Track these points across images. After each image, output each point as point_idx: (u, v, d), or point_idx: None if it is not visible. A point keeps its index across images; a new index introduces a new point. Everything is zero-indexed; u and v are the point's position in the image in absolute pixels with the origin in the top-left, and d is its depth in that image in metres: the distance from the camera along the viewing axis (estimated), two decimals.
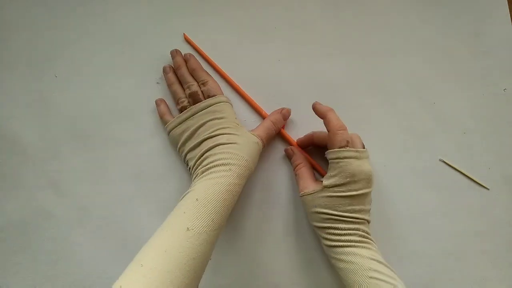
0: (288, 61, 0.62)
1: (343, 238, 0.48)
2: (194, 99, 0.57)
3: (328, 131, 0.50)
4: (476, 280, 0.57)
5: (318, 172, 0.58)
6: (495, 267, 0.57)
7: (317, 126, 0.54)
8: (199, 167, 0.51)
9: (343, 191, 0.48)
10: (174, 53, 0.61)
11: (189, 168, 0.54)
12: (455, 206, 0.58)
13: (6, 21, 0.65)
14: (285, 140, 0.60)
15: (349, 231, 0.48)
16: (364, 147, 0.51)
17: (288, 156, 0.59)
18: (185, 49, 0.63)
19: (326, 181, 0.49)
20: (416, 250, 0.57)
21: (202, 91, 0.57)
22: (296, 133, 0.60)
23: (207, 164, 0.50)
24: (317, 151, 0.59)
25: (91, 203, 0.60)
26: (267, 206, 0.59)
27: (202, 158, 0.51)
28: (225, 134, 0.52)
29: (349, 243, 0.48)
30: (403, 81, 0.61)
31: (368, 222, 0.51)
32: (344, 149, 0.48)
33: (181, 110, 0.57)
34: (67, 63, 0.64)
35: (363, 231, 0.49)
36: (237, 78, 0.62)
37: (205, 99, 0.56)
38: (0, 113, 0.63)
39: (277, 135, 0.60)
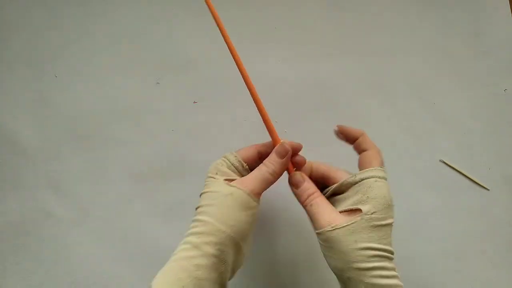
0: (288, 61, 0.62)
1: (392, 281, 0.36)
2: None
3: (365, 149, 0.42)
4: (476, 280, 0.57)
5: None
6: (495, 267, 0.57)
7: (317, 126, 0.54)
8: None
9: (384, 218, 0.38)
10: None
11: None
12: (455, 206, 0.58)
13: (6, 21, 0.65)
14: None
15: (395, 271, 0.38)
16: None
17: (295, 184, 0.43)
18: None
19: (363, 207, 0.38)
20: (416, 250, 0.57)
21: None
22: (296, 139, 0.60)
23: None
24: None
25: (91, 203, 0.60)
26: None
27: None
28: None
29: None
30: (403, 81, 0.61)
31: None
32: (382, 168, 0.40)
33: None
34: (67, 63, 0.64)
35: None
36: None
37: None
38: (0, 113, 0.63)
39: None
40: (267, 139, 0.61)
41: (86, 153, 0.61)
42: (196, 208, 0.38)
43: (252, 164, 0.42)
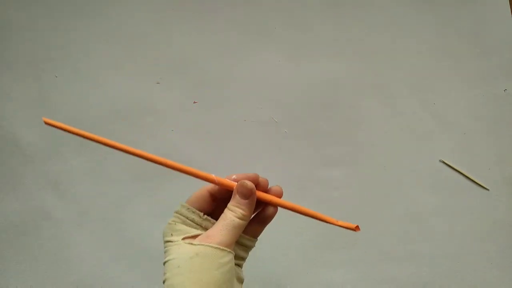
0: (288, 62, 0.62)
1: None
2: None
3: None
4: (476, 281, 0.57)
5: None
6: (495, 267, 0.57)
7: (317, 126, 0.54)
8: None
9: None
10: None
11: None
12: (455, 206, 0.58)
13: (6, 21, 0.65)
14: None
15: None
16: None
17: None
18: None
19: None
20: (416, 250, 0.57)
21: None
22: (296, 139, 0.60)
23: None
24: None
25: (91, 203, 0.60)
26: None
27: None
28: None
29: None
30: (403, 81, 0.61)
31: None
32: None
33: None
34: (67, 63, 0.64)
35: None
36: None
37: None
38: (0, 113, 0.63)
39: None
40: (268, 138, 0.61)
41: (86, 153, 0.61)
42: (163, 282, 0.32)
43: (208, 210, 0.35)
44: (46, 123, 0.36)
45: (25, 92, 0.63)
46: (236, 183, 0.34)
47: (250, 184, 0.34)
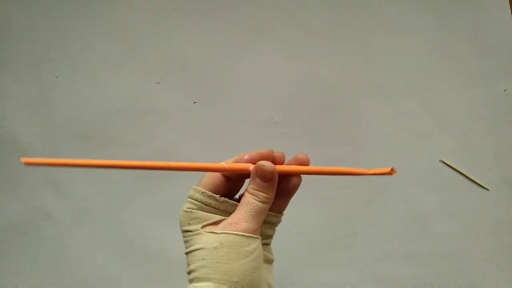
0: (288, 62, 0.62)
1: None
2: None
3: None
4: (476, 280, 0.57)
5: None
6: (495, 267, 0.57)
7: (317, 126, 0.54)
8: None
9: None
10: None
11: None
12: (455, 206, 0.58)
13: (6, 21, 0.65)
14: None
15: None
16: None
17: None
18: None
19: None
20: (416, 250, 0.57)
21: None
22: (296, 139, 0.60)
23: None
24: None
25: (91, 203, 0.60)
26: None
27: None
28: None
29: None
30: (403, 81, 0.61)
31: None
32: None
33: None
34: (67, 63, 0.64)
35: None
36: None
37: None
38: (0, 113, 0.63)
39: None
40: (268, 138, 0.61)
41: (86, 153, 0.61)
42: (188, 274, 0.31)
43: (223, 191, 0.33)
44: (26, 163, 0.30)
45: (25, 92, 0.63)
46: (252, 166, 0.31)
47: (269, 165, 0.31)
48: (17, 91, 0.63)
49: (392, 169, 0.31)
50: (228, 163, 0.32)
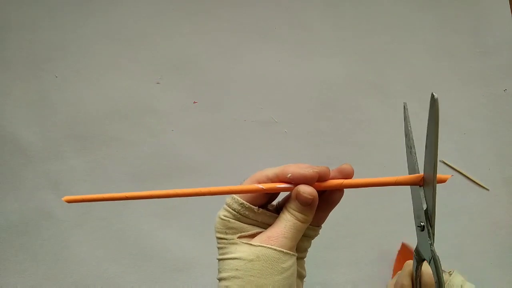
0: (288, 62, 0.62)
1: None
2: None
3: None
4: (476, 281, 0.57)
5: None
6: (495, 267, 0.57)
7: (317, 126, 0.54)
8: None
9: None
10: None
11: None
12: (455, 206, 0.58)
13: (6, 21, 0.65)
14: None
15: None
16: None
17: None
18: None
19: None
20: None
21: None
22: (296, 139, 0.60)
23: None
24: None
25: (91, 203, 0.60)
26: None
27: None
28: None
29: None
30: (403, 81, 0.61)
31: None
32: None
33: None
34: (67, 63, 0.64)
35: None
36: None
37: None
38: (0, 113, 0.63)
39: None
40: (268, 138, 0.61)
41: (86, 153, 0.61)
42: (219, 281, 0.30)
43: (261, 202, 0.32)
44: (68, 201, 0.33)
45: (25, 92, 0.63)
46: (288, 185, 0.30)
47: (309, 192, 0.30)
48: (17, 91, 0.63)
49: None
50: (265, 185, 0.30)
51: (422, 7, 0.63)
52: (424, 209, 0.31)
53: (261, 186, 0.30)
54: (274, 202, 0.34)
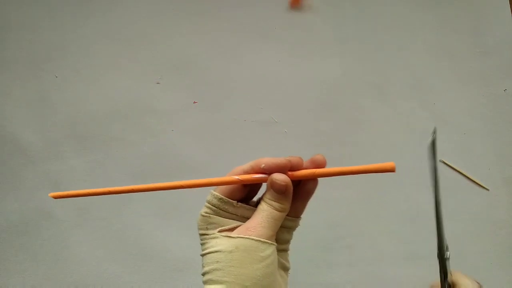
0: (288, 62, 0.62)
1: None
2: None
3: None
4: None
5: None
6: (495, 267, 0.57)
7: (317, 126, 0.54)
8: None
9: None
10: None
11: None
12: (455, 206, 0.58)
13: (6, 21, 0.65)
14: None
15: None
16: None
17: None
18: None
19: None
20: (416, 250, 0.57)
21: None
22: (296, 139, 0.60)
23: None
24: None
25: (91, 204, 0.60)
26: None
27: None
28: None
29: None
30: (403, 81, 0.61)
31: None
32: None
33: None
34: (67, 63, 0.64)
35: None
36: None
37: None
38: (0, 113, 0.63)
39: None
40: (268, 138, 0.61)
41: (86, 153, 0.61)
42: (203, 275, 0.31)
43: (240, 196, 0.33)
44: (54, 197, 0.34)
45: (25, 92, 0.63)
46: (264, 176, 0.32)
47: (282, 179, 0.32)
48: (17, 91, 0.63)
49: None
50: (241, 176, 0.32)
51: (422, 7, 0.63)
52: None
53: (237, 177, 0.32)
54: (255, 198, 0.35)
